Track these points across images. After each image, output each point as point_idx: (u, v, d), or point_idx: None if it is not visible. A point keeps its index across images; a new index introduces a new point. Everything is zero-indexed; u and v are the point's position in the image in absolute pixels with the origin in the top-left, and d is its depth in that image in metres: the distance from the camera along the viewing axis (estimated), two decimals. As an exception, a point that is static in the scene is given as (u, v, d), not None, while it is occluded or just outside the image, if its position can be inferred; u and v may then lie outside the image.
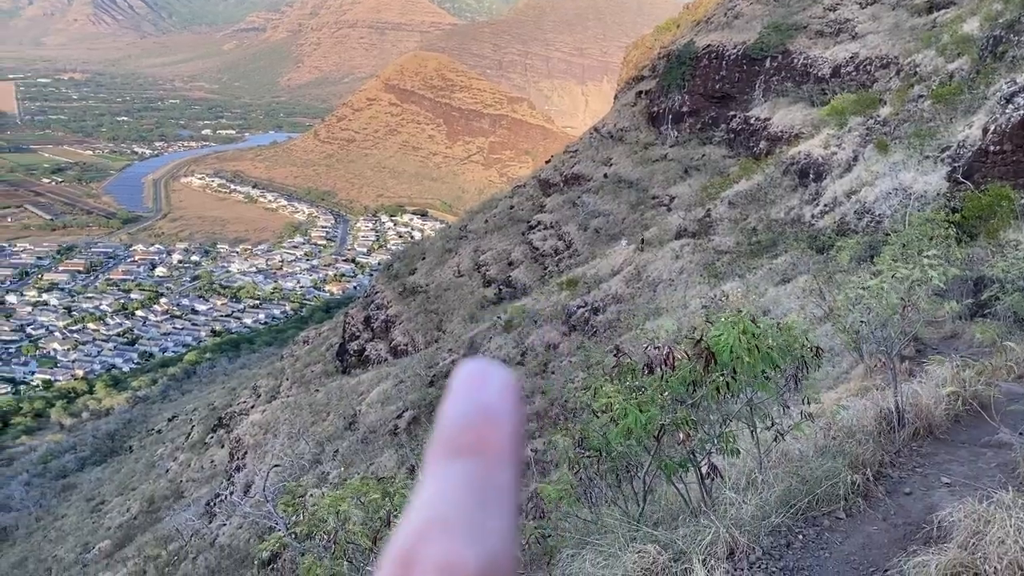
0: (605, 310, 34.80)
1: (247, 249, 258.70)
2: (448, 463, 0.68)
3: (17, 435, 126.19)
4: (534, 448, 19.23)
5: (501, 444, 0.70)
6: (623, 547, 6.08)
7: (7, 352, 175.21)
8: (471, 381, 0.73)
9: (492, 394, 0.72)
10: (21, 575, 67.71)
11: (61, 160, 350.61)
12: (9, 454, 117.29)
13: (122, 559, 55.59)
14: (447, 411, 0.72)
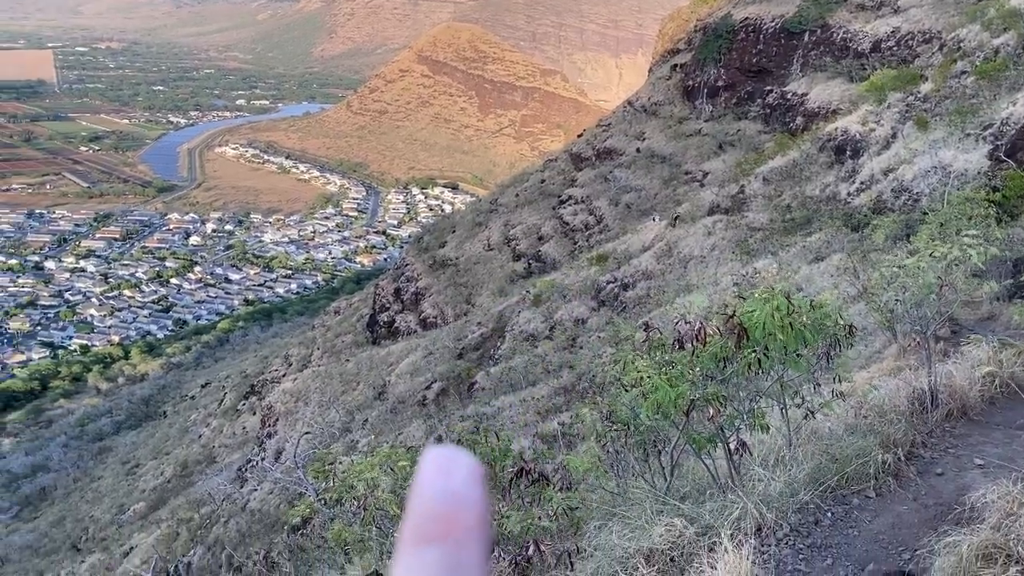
0: (635, 286, 34.65)
1: (280, 219, 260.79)
2: (419, 550, 0.72)
3: (56, 398, 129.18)
4: (561, 421, 19.29)
5: (469, 528, 0.73)
6: (650, 520, 6.11)
7: (46, 317, 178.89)
8: (438, 469, 0.76)
9: (458, 481, 0.75)
10: (59, 534, 69.59)
11: (98, 128, 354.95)
12: (48, 416, 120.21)
13: (156, 521, 56.90)
14: (415, 499, 0.74)
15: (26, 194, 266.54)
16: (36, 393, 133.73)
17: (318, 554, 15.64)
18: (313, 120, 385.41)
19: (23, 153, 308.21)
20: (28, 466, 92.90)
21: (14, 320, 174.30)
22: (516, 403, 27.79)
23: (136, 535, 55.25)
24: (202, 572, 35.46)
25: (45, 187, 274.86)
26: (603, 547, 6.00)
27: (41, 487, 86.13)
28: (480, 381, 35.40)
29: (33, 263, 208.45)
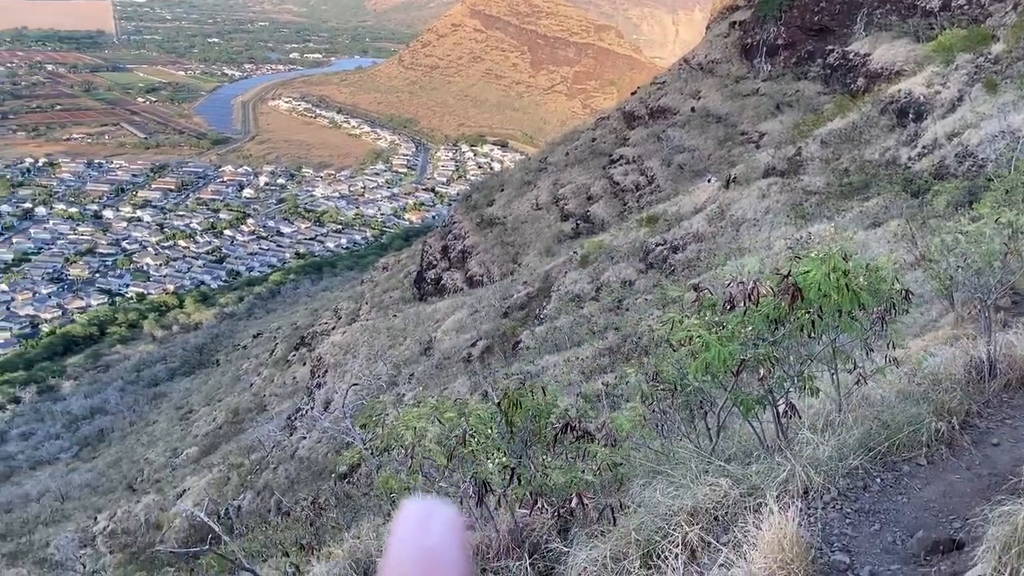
0: (685, 248, 34.28)
1: (331, 174, 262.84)
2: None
3: (113, 344, 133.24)
4: (605, 382, 19.28)
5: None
6: (695, 479, 6.10)
7: (104, 265, 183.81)
8: (414, 524, 0.74)
9: (435, 537, 0.73)
10: (116, 474, 72.23)
11: (155, 80, 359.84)
12: (105, 361, 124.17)
13: (208, 465, 58.70)
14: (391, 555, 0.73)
15: (86, 144, 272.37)
16: (94, 338, 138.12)
17: (364, 501, 16.00)
18: (365, 74, 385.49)
19: (83, 103, 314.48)
20: (87, 408, 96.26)
21: (74, 267, 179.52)
22: (560, 363, 27.86)
23: (189, 478, 57.10)
24: (251, 516, 36.54)
25: (104, 137, 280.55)
26: (647, 504, 6.02)
27: (99, 429, 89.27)
28: (525, 340, 35.55)
29: (92, 212, 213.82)
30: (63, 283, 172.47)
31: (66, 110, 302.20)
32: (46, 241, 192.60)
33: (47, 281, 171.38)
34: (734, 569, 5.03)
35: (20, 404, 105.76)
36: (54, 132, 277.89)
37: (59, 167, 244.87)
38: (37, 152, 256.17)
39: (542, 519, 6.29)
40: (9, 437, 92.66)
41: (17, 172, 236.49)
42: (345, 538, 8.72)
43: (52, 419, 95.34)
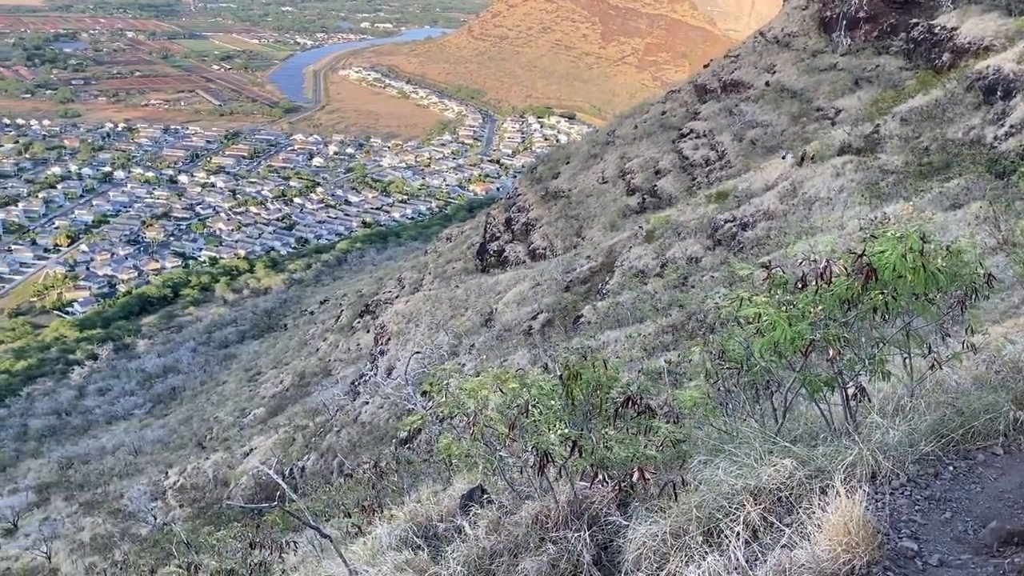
0: (754, 226, 33.62)
1: (398, 144, 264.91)
2: None
3: (186, 305, 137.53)
4: (668, 359, 19.11)
5: None
6: (759, 459, 6.01)
7: (179, 228, 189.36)
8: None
9: None
10: (187, 431, 74.84)
11: (229, 48, 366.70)
12: (179, 322, 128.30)
13: (274, 426, 60.36)
14: None
15: (163, 110, 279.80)
16: (168, 299, 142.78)
17: (424, 467, 16.26)
18: (434, 45, 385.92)
19: (160, 70, 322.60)
20: (160, 367, 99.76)
21: (150, 230, 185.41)
22: (622, 338, 27.71)
23: (255, 438, 58.81)
24: (315, 476, 37.48)
25: (180, 104, 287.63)
26: (709, 482, 5.96)
27: (172, 387, 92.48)
28: (586, 315, 35.43)
29: (168, 176, 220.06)
30: (139, 245, 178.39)
31: (145, 76, 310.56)
32: (124, 204, 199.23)
33: (124, 243, 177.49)
34: (797, 550, 4.96)
35: (98, 361, 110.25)
36: (133, 98, 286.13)
37: (137, 132, 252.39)
38: (117, 117, 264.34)
39: (602, 492, 6.29)
40: (87, 392, 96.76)
41: (98, 136, 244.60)
42: (406, 501, 8.88)
43: (127, 376, 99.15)
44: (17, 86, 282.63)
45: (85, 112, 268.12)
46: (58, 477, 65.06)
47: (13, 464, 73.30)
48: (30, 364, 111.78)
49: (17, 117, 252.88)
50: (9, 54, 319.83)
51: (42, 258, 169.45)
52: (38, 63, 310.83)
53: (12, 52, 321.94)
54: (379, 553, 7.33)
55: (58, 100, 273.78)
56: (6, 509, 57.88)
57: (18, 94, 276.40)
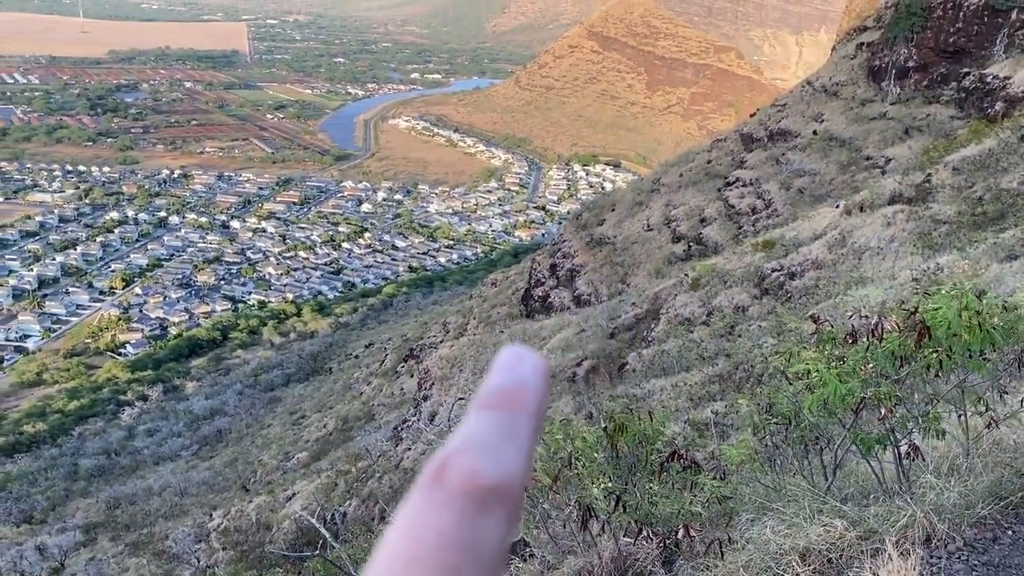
0: (802, 275, 33.18)
1: (445, 191, 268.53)
2: (484, 412, 0.91)
3: (234, 348, 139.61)
4: (715, 410, 18.84)
5: (527, 405, 0.92)
6: (808, 518, 5.87)
7: (229, 272, 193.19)
8: (511, 360, 0.97)
9: (526, 370, 0.95)
10: (231, 473, 75.37)
11: (283, 97, 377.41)
12: (227, 365, 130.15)
13: (317, 470, 60.46)
14: (490, 379, 0.95)
15: (217, 157, 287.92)
16: (217, 342, 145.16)
17: (465, 516, 16.14)
18: (482, 95, 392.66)
19: (216, 119, 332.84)
20: (208, 409, 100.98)
21: (202, 273, 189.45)
22: (668, 387, 27.36)
23: (299, 482, 58.94)
24: (356, 523, 37.35)
25: (234, 151, 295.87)
26: (756, 541, 5.83)
27: (218, 429, 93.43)
28: (631, 362, 35.11)
29: (220, 222, 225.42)
30: (191, 289, 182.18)
31: (201, 125, 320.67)
32: (177, 248, 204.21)
33: (177, 286, 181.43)
34: (848, 616, 4.81)
35: (148, 402, 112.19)
36: (189, 146, 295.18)
37: (192, 179, 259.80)
38: (173, 164, 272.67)
39: (646, 549, 6.18)
40: (136, 433, 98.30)
41: (155, 183, 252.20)
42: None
43: (175, 418, 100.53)
44: (80, 134, 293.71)
45: (143, 159, 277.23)
46: (105, 517, 65.83)
47: (63, 503, 74.46)
48: (83, 404, 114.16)
49: (79, 164, 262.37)
50: (74, 104, 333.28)
51: (97, 300, 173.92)
52: (100, 112, 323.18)
53: (76, 102, 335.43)
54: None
55: (118, 148, 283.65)
56: (54, 548, 58.67)
57: (81, 142, 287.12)
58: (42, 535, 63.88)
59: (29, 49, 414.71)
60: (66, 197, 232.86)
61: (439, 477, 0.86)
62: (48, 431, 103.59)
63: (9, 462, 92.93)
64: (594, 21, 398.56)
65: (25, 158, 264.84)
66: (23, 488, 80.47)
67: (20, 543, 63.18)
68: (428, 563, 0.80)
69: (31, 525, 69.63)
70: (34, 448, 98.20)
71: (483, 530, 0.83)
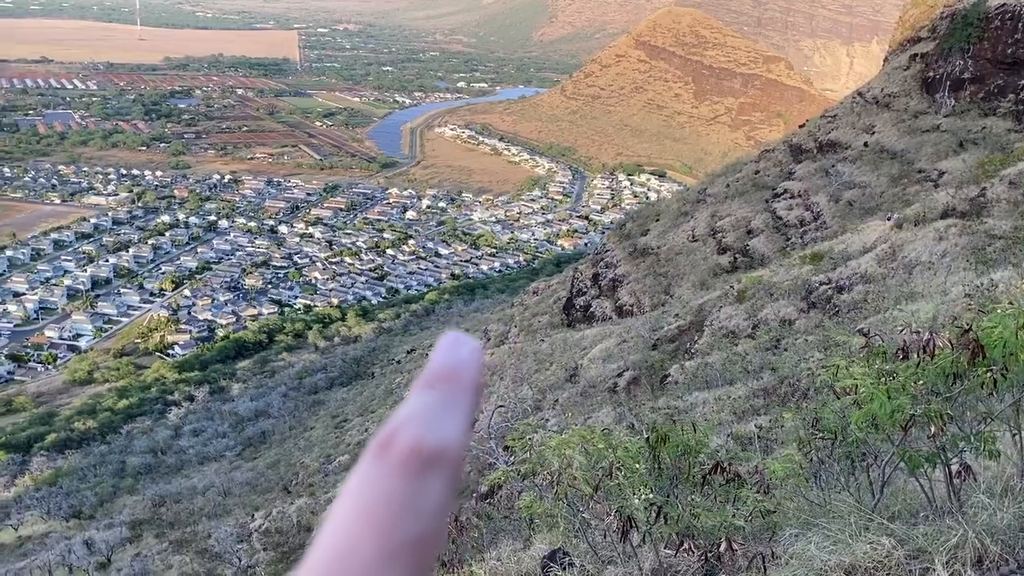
0: (851, 289, 32.58)
1: (489, 199, 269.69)
2: (426, 390, 1.02)
3: (279, 351, 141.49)
4: (758, 424, 18.59)
5: (464, 382, 1.03)
6: (854, 535, 5.75)
7: (276, 277, 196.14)
8: (450, 344, 1.08)
9: (463, 352, 1.06)
10: (274, 475, 76.27)
11: (332, 105, 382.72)
12: (272, 367, 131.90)
13: (358, 473, 60.82)
14: (431, 360, 1.06)
15: (267, 163, 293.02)
16: (263, 345, 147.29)
17: (504, 524, 16.11)
18: (527, 104, 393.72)
19: (267, 125, 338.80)
20: (252, 411, 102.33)
21: (250, 277, 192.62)
22: (710, 400, 27.05)
23: (340, 485, 59.33)
24: (395, 526, 37.48)
25: (283, 158, 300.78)
26: (800, 556, 5.73)
27: (262, 431, 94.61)
28: (673, 374, 34.79)
29: (269, 227, 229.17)
30: (239, 292, 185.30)
31: (251, 131, 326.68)
32: (226, 252, 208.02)
33: (225, 289, 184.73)
34: (895, 637, 4.70)
35: (194, 402, 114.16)
36: (239, 151, 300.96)
37: (242, 184, 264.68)
38: (224, 169, 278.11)
39: (687, 561, 6.12)
40: (183, 432, 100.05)
41: (206, 187, 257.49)
42: (486, 558, 8.81)
43: (221, 418, 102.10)
44: (134, 139, 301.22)
45: (195, 164, 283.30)
46: (151, 514, 67.05)
47: (110, 499, 76.09)
48: (131, 403, 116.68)
49: (133, 168, 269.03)
50: (129, 109, 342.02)
51: (148, 302, 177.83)
52: (154, 117, 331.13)
53: (132, 107, 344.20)
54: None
55: (171, 152, 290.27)
56: (101, 543, 59.92)
57: (135, 146, 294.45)
58: (90, 530, 65.33)
59: (88, 56, 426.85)
60: (120, 200, 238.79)
61: (387, 446, 0.95)
62: (98, 428, 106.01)
63: (60, 458, 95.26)
64: (642, 30, 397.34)
65: (82, 161, 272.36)
66: (73, 483, 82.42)
67: (69, 537, 64.68)
68: (374, 520, 0.89)
69: (80, 520, 71.27)
70: (84, 445, 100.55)
71: (426, 491, 0.93)
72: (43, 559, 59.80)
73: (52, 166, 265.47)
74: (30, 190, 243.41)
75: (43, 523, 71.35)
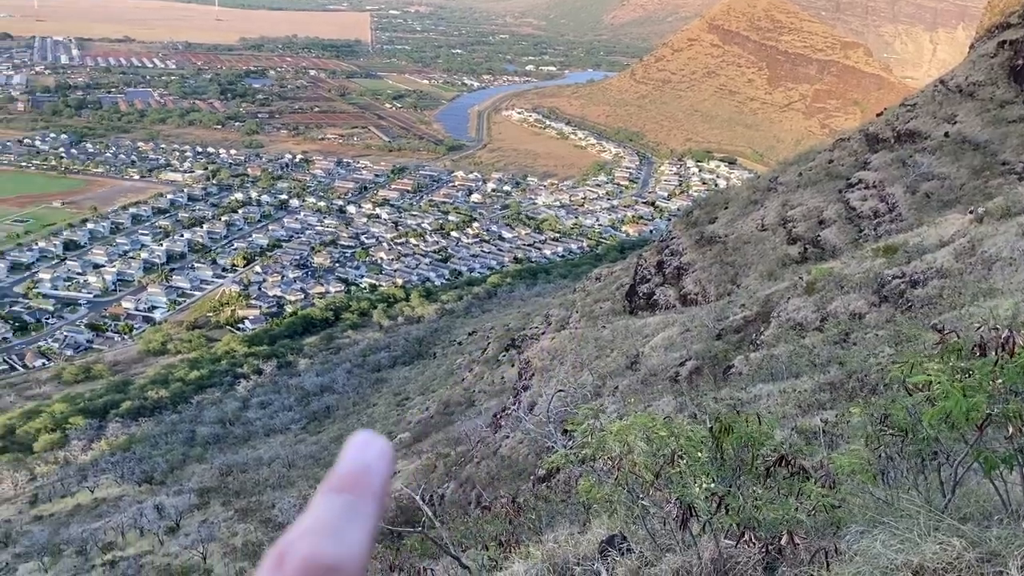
0: (926, 284, 31.56)
1: (554, 184, 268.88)
2: (329, 495, 1.00)
3: (345, 328, 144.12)
4: (824, 419, 18.22)
5: (371, 488, 1.02)
6: (922, 535, 5.61)
7: (344, 256, 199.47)
8: (359, 445, 1.08)
9: (372, 455, 1.06)
10: (336, 449, 77.34)
11: (401, 87, 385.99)
12: (337, 344, 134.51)
13: (418, 452, 61.82)
14: (338, 464, 1.06)
15: (337, 144, 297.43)
16: (330, 322, 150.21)
17: (561, 507, 16.16)
18: (596, 87, 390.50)
19: (338, 106, 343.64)
20: (318, 386, 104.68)
21: (318, 255, 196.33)
22: (775, 393, 26.58)
23: (400, 461, 60.41)
24: (453, 505, 37.96)
25: (353, 139, 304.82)
26: (865, 554, 5.61)
27: (326, 406, 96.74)
28: (737, 365, 34.27)
29: (337, 207, 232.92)
30: (307, 269, 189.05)
31: (323, 112, 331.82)
32: (296, 230, 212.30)
33: (294, 266, 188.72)
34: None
35: (262, 376, 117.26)
36: (311, 132, 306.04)
37: (313, 164, 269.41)
38: (295, 149, 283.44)
39: (748, 552, 6.06)
40: (250, 404, 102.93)
41: (277, 166, 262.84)
42: (543, 540, 8.86)
43: (287, 392, 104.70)
44: (210, 117, 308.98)
45: (268, 143, 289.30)
46: (218, 483, 69.27)
47: (180, 467, 78.83)
48: (202, 374, 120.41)
49: (208, 146, 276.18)
50: (206, 88, 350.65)
51: (220, 276, 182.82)
52: (230, 97, 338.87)
53: (208, 87, 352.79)
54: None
55: (245, 131, 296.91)
56: (171, 508, 62.20)
57: (211, 125, 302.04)
58: (160, 495, 67.87)
59: (167, 35, 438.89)
60: (195, 177, 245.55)
61: (281, 561, 0.92)
62: (169, 398, 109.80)
63: (134, 424, 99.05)
64: (715, 14, 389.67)
65: (160, 139, 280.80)
66: (145, 450, 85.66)
67: (141, 501, 67.33)
68: None
69: (151, 485, 74.07)
70: (156, 413, 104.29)
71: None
72: (117, 521, 62.43)
73: (132, 142, 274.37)
74: (111, 165, 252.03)
75: (117, 487, 74.41)
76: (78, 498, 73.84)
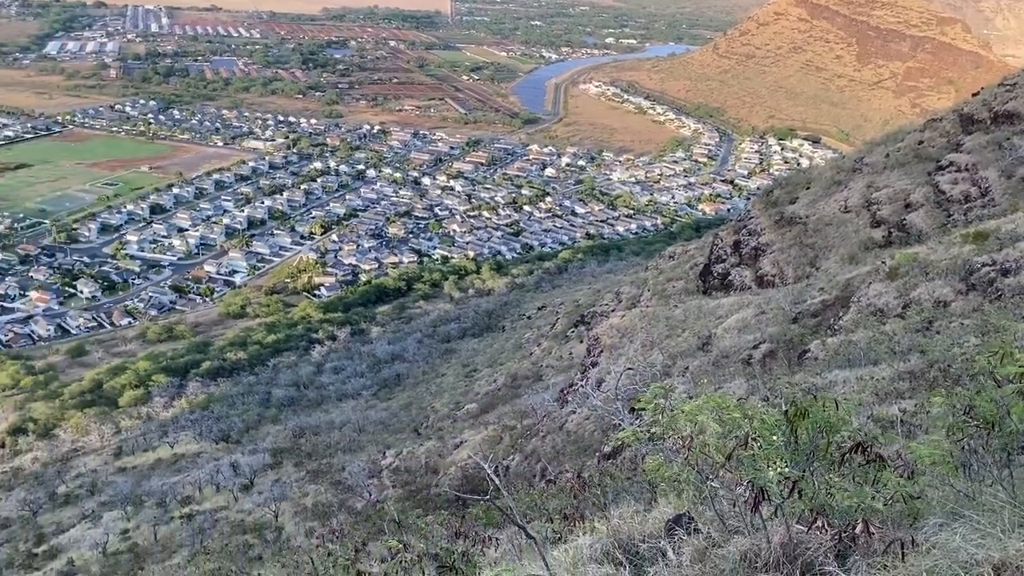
0: (1018, 272, 30.19)
1: (629, 159, 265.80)
2: None
3: (416, 299, 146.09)
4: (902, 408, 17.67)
5: None
6: (1006, 531, 5.40)
7: (417, 227, 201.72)
8: None
9: None
10: (405, 416, 79.31)
11: (479, 60, 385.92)
12: (408, 314, 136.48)
13: (484, 423, 62.47)
14: None
15: (414, 115, 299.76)
16: (402, 292, 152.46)
17: (626, 484, 16.12)
18: (677, 61, 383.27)
19: (416, 78, 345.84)
20: (389, 354, 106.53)
21: (392, 226, 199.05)
22: (851, 380, 25.88)
23: (467, 431, 61.15)
24: (518, 477, 38.30)
25: (430, 111, 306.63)
26: (943, 547, 5.44)
27: (397, 373, 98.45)
28: (813, 350, 33.48)
29: (413, 178, 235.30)
30: (382, 239, 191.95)
31: (401, 83, 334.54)
32: (372, 201, 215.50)
33: (369, 236, 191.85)
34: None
35: (336, 342, 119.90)
36: (389, 103, 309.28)
37: (390, 135, 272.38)
38: (373, 120, 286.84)
39: (820, 539, 5.93)
40: (324, 369, 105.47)
41: (356, 137, 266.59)
42: (609, 516, 8.86)
43: (360, 359, 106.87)
44: (292, 87, 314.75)
45: (347, 114, 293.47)
46: (291, 444, 71.36)
47: (255, 427, 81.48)
48: (278, 339, 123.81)
49: (289, 115, 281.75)
50: (288, 58, 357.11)
51: (298, 244, 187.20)
52: (311, 67, 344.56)
53: (291, 56, 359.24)
54: (580, 563, 7.37)
55: (325, 101, 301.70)
56: (246, 467, 64.41)
57: (292, 94, 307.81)
58: (236, 453, 70.32)
59: (252, 5, 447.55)
60: (276, 145, 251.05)
61: None
62: (247, 360, 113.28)
63: (212, 384, 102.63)
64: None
65: (243, 107, 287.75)
66: (223, 409, 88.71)
67: (217, 458, 69.89)
68: None
69: (227, 443, 76.78)
70: (234, 374, 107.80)
71: None
72: (194, 476, 65.01)
73: (216, 110, 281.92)
74: (196, 132, 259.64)
75: (195, 444, 77.36)
76: (159, 452, 77.10)
